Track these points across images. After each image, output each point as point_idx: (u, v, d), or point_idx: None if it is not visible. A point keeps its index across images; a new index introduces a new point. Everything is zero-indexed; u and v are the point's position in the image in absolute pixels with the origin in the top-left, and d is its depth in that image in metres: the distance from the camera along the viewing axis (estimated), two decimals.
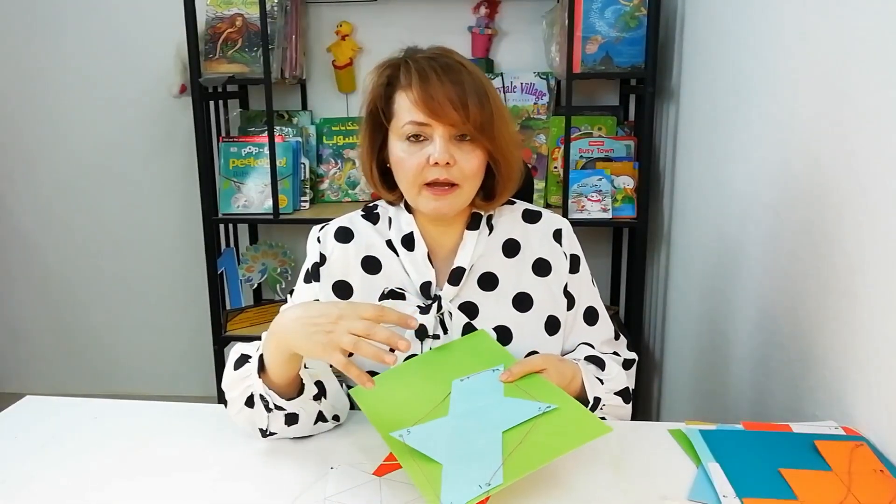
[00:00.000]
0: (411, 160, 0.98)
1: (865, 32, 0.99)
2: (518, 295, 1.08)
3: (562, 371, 0.98)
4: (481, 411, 0.88)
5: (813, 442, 0.94)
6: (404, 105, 0.98)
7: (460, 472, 0.79)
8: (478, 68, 1.02)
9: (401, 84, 0.99)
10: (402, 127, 0.99)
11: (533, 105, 2.23)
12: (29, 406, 1.12)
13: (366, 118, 1.05)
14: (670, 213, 2.04)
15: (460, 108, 0.95)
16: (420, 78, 0.96)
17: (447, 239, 1.08)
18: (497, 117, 0.99)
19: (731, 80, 1.54)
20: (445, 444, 0.83)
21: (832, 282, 1.07)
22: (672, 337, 2.01)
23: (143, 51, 2.47)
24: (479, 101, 0.97)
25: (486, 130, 0.98)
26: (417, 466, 0.81)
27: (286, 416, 0.94)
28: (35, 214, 2.70)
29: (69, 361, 2.83)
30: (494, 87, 1.03)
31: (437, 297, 1.05)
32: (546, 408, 0.86)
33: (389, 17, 2.34)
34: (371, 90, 1.03)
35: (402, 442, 0.84)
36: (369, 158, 1.07)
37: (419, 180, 0.99)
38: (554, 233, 1.11)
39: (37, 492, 0.88)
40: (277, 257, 2.43)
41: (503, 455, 0.80)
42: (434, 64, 0.98)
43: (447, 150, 0.97)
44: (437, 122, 0.96)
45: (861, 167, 0.99)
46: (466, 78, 0.97)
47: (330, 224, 1.13)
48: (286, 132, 2.26)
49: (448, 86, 0.95)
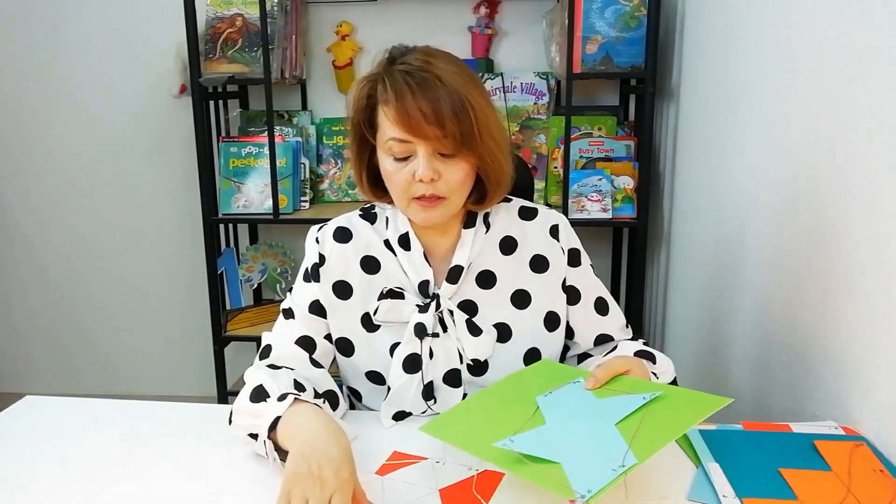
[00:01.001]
0: (398, 176, 0.99)
1: (865, 32, 0.99)
2: (516, 292, 1.08)
3: (644, 368, 0.98)
4: (582, 414, 0.86)
5: (813, 442, 0.94)
6: (385, 121, 0.98)
7: (584, 464, 0.76)
8: (460, 76, 0.97)
9: (380, 98, 0.98)
10: (387, 142, 0.98)
11: (533, 105, 2.23)
12: (29, 406, 1.12)
13: (351, 131, 1.05)
14: (670, 213, 2.04)
15: (436, 124, 0.94)
16: (396, 96, 0.95)
17: (444, 239, 1.08)
18: (481, 127, 0.97)
19: (731, 80, 1.54)
20: (558, 444, 0.80)
21: (832, 282, 1.07)
22: (672, 337, 2.01)
23: (143, 51, 2.47)
24: (455, 115, 0.94)
25: (467, 143, 0.96)
26: (533, 469, 0.77)
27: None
28: (35, 214, 2.70)
29: (69, 361, 2.83)
30: (480, 94, 0.99)
31: (436, 295, 1.05)
32: (650, 396, 0.85)
33: (389, 17, 2.34)
34: (354, 104, 1.03)
35: (509, 451, 0.79)
36: (359, 168, 1.08)
37: (407, 195, 1.00)
38: (551, 229, 1.11)
39: (37, 492, 0.88)
40: (277, 257, 2.43)
41: (626, 441, 0.78)
42: (410, 80, 0.95)
43: (431, 165, 0.96)
44: (416, 138, 0.96)
45: (860, 167, 0.99)
46: (442, 93, 0.94)
47: (328, 224, 1.13)
48: (286, 132, 2.26)
49: (423, 102, 0.94)
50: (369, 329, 1.07)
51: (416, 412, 1.06)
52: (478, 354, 1.05)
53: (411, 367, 1.04)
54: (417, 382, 1.04)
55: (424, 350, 1.04)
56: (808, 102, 1.17)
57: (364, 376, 1.09)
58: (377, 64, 1.02)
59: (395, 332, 1.06)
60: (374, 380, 1.09)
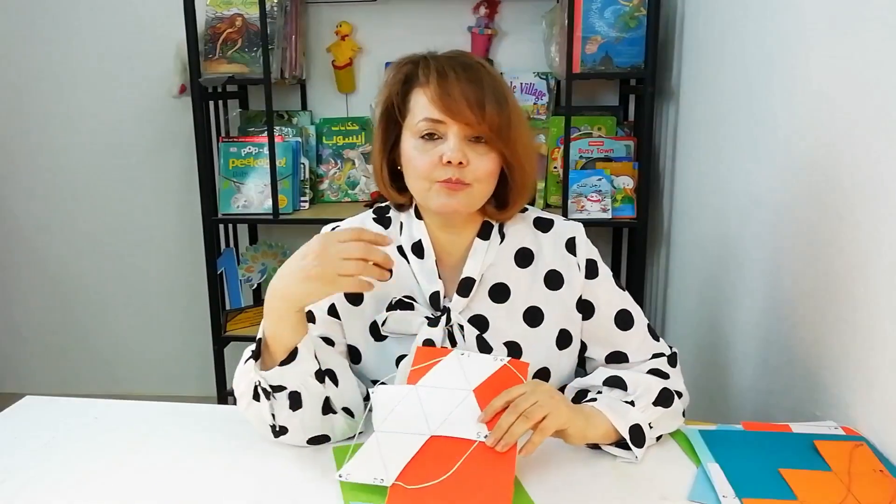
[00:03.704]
0: (423, 158, 0.96)
1: (865, 32, 0.99)
2: (529, 309, 1.04)
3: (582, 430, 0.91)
4: None
5: (813, 442, 0.94)
6: (421, 102, 0.96)
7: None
8: (498, 73, 0.99)
9: (418, 81, 0.97)
10: (417, 124, 0.96)
11: (533, 105, 2.23)
12: (29, 406, 1.12)
13: (380, 115, 1.03)
14: (670, 213, 2.04)
15: (476, 107, 0.93)
16: (438, 75, 0.95)
17: (456, 247, 1.05)
18: (515, 122, 0.97)
19: (731, 80, 1.54)
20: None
21: (832, 282, 1.07)
22: (672, 337, 2.01)
23: (143, 51, 2.47)
24: (496, 102, 0.94)
25: (502, 133, 0.95)
26: None
27: (289, 398, 0.91)
28: (35, 214, 2.70)
29: (69, 361, 2.83)
30: (513, 94, 1.00)
31: (447, 309, 1.02)
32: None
33: (389, 17, 2.34)
34: (388, 86, 1.01)
35: None
36: (380, 157, 1.04)
37: (430, 178, 0.96)
38: (567, 242, 1.06)
39: (37, 492, 0.88)
40: (277, 257, 2.43)
41: None
42: (454, 63, 0.96)
43: (461, 149, 0.94)
44: (452, 120, 0.94)
45: (861, 167, 1.00)
46: (486, 78, 0.95)
47: (341, 226, 1.10)
48: (286, 132, 2.26)
49: (466, 84, 0.94)
50: (377, 338, 1.04)
51: None
52: None
53: None
54: None
55: None
56: (808, 102, 1.17)
57: (371, 384, 1.06)
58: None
59: (403, 343, 1.03)
60: None
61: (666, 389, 0.99)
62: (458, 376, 0.93)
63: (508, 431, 0.84)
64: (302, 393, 0.92)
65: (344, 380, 0.98)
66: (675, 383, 1.03)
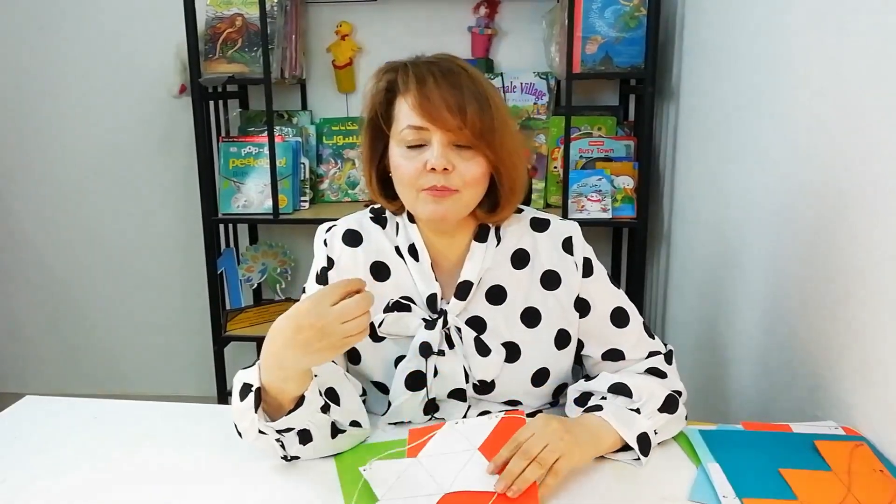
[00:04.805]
0: (409, 165, 0.95)
1: (866, 32, 0.99)
2: (527, 310, 1.03)
3: (592, 456, 0.92)
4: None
5: (813, 442, 0.94)
6: (403, 110, 0.96)
7: None
8: (482, 75, 0.98)
9: (400, 89, 0.96)
10: (402, 132, 0.95)
11: (533, 105, 2.23)
12: (29, 406, 1.12)
13: (366, 125, 1.02)
14: (670, 213, 2.04)
15: (457, 113, 0.92)
16: (417, 81, 0.94)
17: (451, 251, 1.05)
18: (500, 125, 0.95)
19: (731, 80, 1.54)
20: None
21: (832, 282, 1.07)
22: (672, 337, 2.01)
23: (143, 51, 2.47)
24: (478, 107, 0.93)
25: (485, 137, 0.94)
26: None
27: (298, 435, 0.90)
28: (35, 214, 2.70)
29: (69, 361, 2.83)
30: (500, 95, 0.99)
31: (443, 311, 1.01)
32: None
33: (389, 17, 2.34)
34: (371, 96, 1.00)
35: None
36: (369, 166, 1.04)
37: (416, 185, 0.96)
38: (563, 242, 1.06)
39: (37, 492, 0.88)
40: (277, 257, 2.43)
41: None
42: (433, 68, 0.95)
43: (444, 155, 0.93)
44: (433, 126, 0.93)
45: (861, 167, 1.00)
46: (466, 83, 0.94)
47: (338, 225, 1.09)
48: (286, 132, 2.26)
49: (446, 90, 0.92)
50: (375, 339, 1.04)
51: (418, 421, 1.04)
52: (484, 375, 1.01)
53: (414, 385, 1.01)
54: (420, 399, 1.02)
55: (429, 368, 1.01)
56: (808, 102, 1.17)
57: (371, 384, 1.07)
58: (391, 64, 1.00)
59: (400, 344, 1.03)
60: (378, 388, 1.06)
61: (671, 396, 0.99)
62: (458, 440, 0.92)
63: (521, 477, 0.83)
64: (311, 429, 0.91)
65: (344, 395, 0.96)
66: (673, 382, 1.03)
